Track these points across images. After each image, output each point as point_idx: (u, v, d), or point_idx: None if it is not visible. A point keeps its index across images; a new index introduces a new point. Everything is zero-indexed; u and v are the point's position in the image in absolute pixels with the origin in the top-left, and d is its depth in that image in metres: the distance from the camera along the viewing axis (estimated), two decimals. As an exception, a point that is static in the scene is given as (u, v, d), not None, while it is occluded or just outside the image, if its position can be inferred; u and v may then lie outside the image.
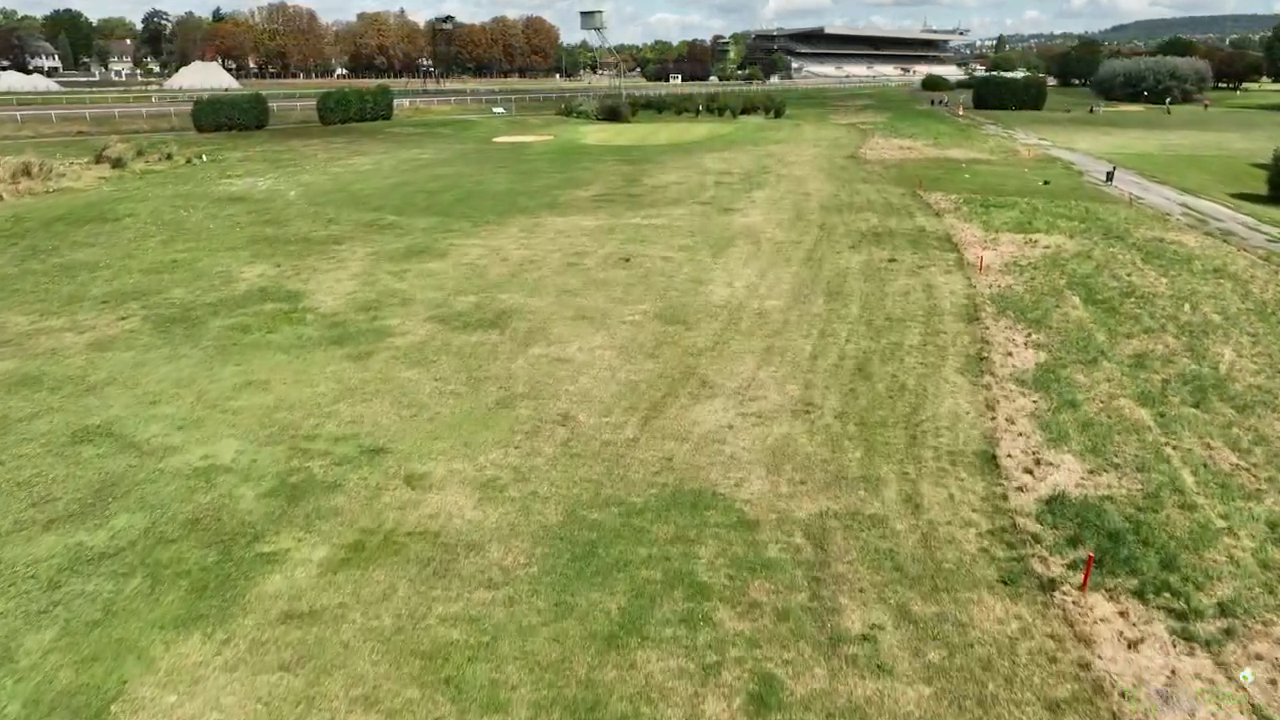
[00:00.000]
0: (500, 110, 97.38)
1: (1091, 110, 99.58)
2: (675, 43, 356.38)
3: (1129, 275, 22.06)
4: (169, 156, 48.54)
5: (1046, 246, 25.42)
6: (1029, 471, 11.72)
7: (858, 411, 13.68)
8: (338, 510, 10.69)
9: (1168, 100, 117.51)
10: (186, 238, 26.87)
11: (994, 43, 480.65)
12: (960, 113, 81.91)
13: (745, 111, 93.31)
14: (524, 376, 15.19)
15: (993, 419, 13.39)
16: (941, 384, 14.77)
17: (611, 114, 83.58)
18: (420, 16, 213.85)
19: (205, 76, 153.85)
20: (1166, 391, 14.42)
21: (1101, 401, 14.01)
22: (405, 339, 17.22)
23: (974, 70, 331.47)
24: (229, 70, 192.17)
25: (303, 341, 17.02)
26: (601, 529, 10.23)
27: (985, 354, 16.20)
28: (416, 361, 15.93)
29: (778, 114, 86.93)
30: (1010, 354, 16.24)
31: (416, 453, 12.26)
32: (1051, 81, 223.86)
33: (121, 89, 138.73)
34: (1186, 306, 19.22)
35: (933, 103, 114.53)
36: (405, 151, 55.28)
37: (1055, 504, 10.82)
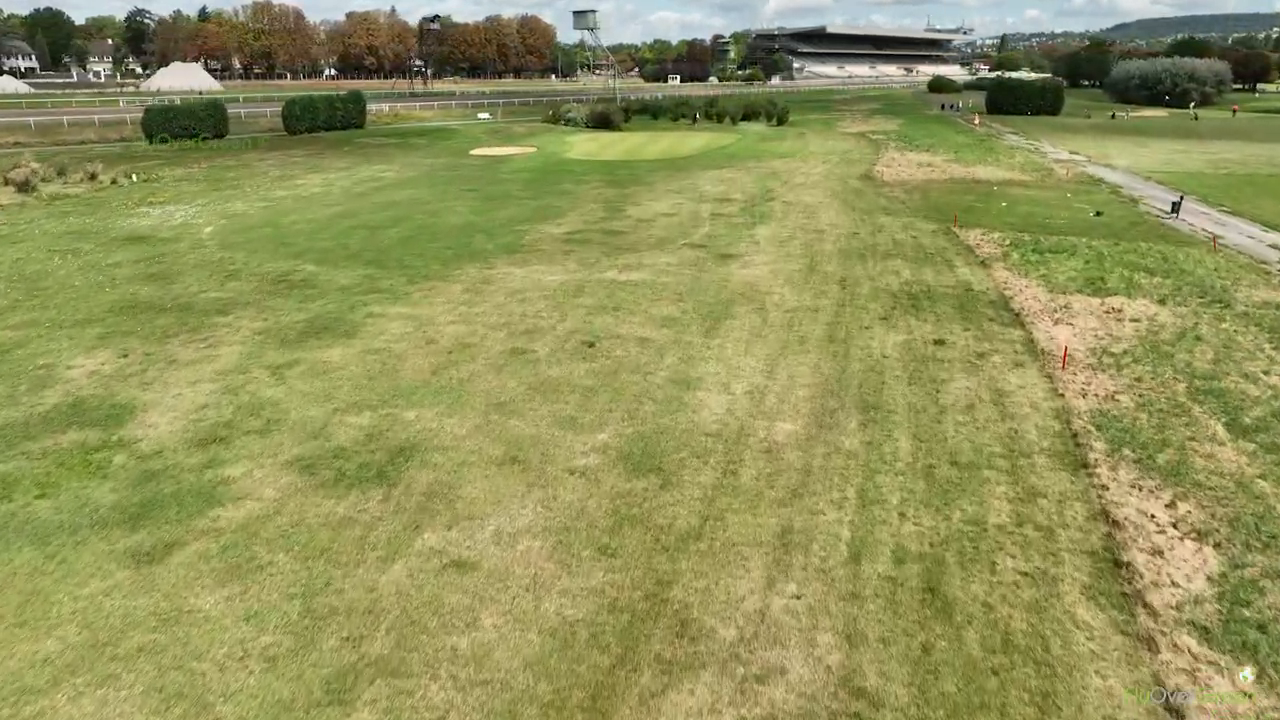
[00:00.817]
0: (485, 117, 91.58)
1: (1113, 116, 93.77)
2: (675, 42, 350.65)
3: (1266, 373, 16.29)
4: (93, 177, 42.78)
5: (1135, 320, 19.64)
6: None
7: (943, 711, 7.92)
8: None
9: (1191, 105, 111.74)
10: (33, 303, 21.10)
11: (995, 42, 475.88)
12: (976, 122, 76.15)
13: (746, 118, 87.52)
14: (392, 612, 9.42)
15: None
16: (1070, 637, 8.99)
17: (602, 122, 77.79)
18: (414, 16, 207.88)
19: (185, 78, 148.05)
20: None
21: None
22: (239, 512, 11.45)
23: (978, 70, 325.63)
24: (212, 71, 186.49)
25: (80, 519, 11.24)
26: None
27: (1120, 554, 10.42)
28: (233, 570, 10.15)
29: (780, 121, 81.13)
30: (1160, 554, 10.45)
31: None
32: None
33: (95, 91, 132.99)
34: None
35: (943, 107, 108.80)
36: (367, 168, 49.50)
37: None
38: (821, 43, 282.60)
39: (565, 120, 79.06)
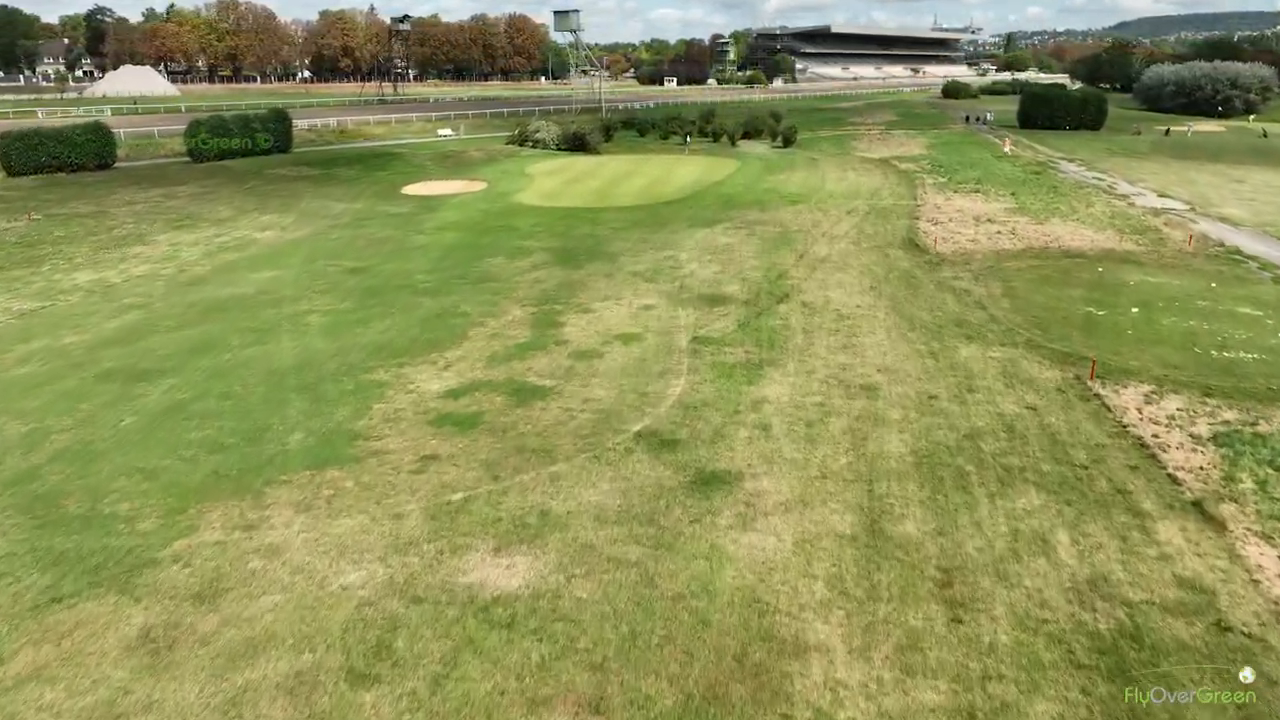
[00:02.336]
0: (446, 133, 79.47)
1: (1167, 132, 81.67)
2: (673, 41, 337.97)
3: None
4: None
5: None
6: None
7: None
8: None
9: (1251, 117, 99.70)
10: None
11: (997, 40, 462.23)
12: (1007, 147, 63.39)
13: (748, 135, 75.38)
14: None
15: None
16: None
17: (577, 143, 65.67)
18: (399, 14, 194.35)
19: (135, 82, 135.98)
20: None
21: None
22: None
23: (987, 71, 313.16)
24: (175, 74, 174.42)
25: None
26: None
27: None
28: None
29: (787, 142, 68.94)
30: None
31: None
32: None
33: (31, 98, 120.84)
34: None
35: (969, 120, 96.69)
36: (248, 223, 37.49)
37: None
38: (825, 43, 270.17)
39: (533, 142, 66.92)
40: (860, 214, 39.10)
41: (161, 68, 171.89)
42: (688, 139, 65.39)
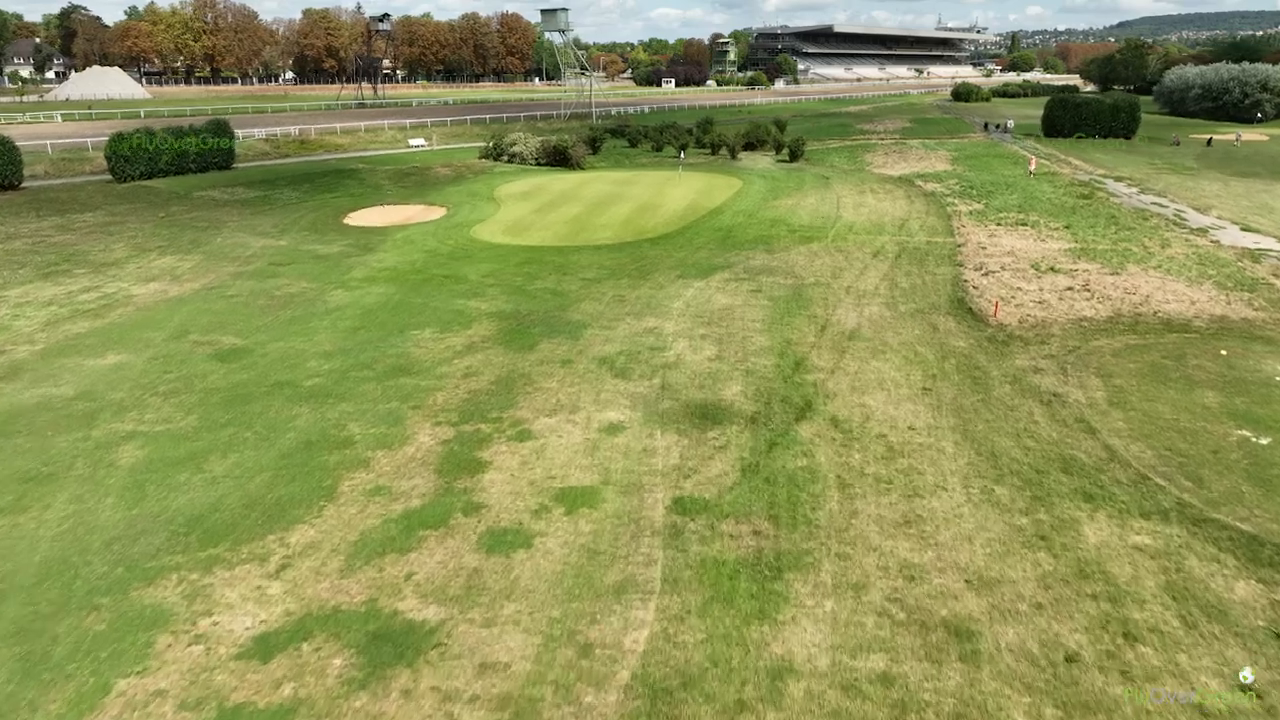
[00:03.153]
0: (419, 144, 72.27)
1: (1209, 142, 74.52)
2: (672, 41, 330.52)
3: None
4: None
5: None
6: None
7: None
8: None
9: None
10: None
11: (1000, 39, 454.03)
12: (1032, 166, 55.34)
13: (749, 147, 68.19)
14: None
15: None
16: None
17: (557, 158, 58.43)
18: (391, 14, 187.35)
19: (102, 84, 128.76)
20: None
21: None
22: None
23: (993, 72, 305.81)
24: (151, 75, 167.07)
25: None
26: None
27: None
28: None
29: (794, 155, 61.66)
30: None
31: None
32: (1089, 88, 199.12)
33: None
34: None
35: (986, 127, 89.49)
36: (126, 275, 30.22)
37: None
38: (828, 42, 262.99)
39: (509, 155, 59.63)
40: (889, 257, 31.86)
41: (138, 69, 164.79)
42: (682, 154, 58.20)
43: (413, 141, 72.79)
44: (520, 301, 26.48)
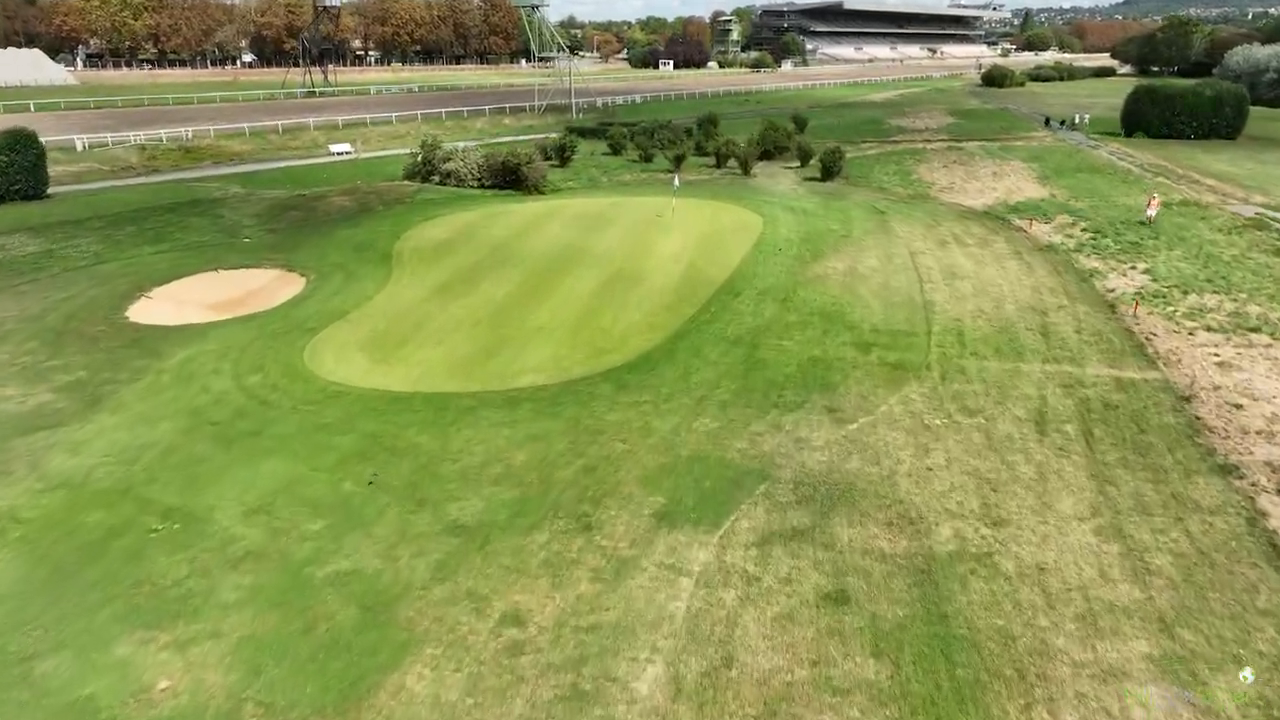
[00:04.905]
0: (343, 149, 56.52)
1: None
2: (672, 19, 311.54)
3: None
4: None
5: None
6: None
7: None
8: None
9: None
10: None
11: (1012, 15, 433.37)
12: (1153, 211, 36.31)
13: (765, 155, 52.44)
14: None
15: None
16: None
17: (508, 179, 42.71)
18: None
19: (18, 68, 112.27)
20: None
21: None
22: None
23: (1009, 51, 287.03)
24: (92, 58, 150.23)
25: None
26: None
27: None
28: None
29: (829, 172, 45.79)
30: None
31: None
32: (1124, 70, 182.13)
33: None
34: None
35: (1049, 123, 73.55)
36: None
37: None
38: (836, 20, 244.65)
39: (441, 176, 43.78)
40: (1071, 439, 16.36)
41: (72, 52, 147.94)
42: (677, 178, 42.26)
43: (335, 148, 57.03)
44: (283, 642, 11.04)
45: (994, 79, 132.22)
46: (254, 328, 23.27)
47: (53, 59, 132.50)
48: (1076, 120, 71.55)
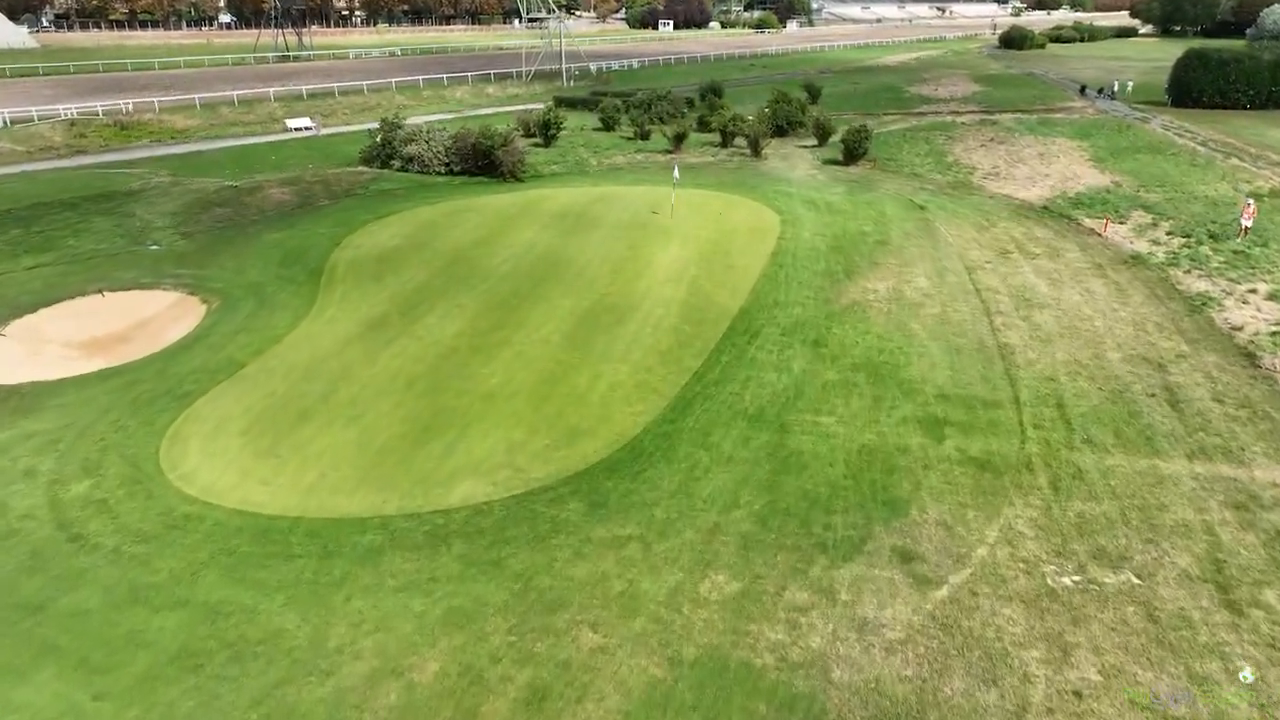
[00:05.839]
0: (302, 125, 50.20)
1: None
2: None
3: None
4: None
5: None
6: None
7: None
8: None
9: None
10: None
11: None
12: (1248, 220, 28.85)
13: (778, 132, 46.16)
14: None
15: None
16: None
17: (480, 164, 36.55)
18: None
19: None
20: None
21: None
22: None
23: (1020, 10, 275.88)
24: (60, 20, 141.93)
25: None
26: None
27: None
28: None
29: (852, 153, 39.49)
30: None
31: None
32: (1145, 30, 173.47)
33: None
34: None
35: (1084, 90, 66.80)
36: None
37: None
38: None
39: (403, 160, 37.56)
40: (1267, 597, 10.62)
41: (36, 13, 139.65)
42: (677, 166, 35.86)
43: (292, 123, 50.62)
44: None
45: (1013, 40, 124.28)
46: (115, 390, 17.44)
47: (15, 20, 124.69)
48: (1115, 88, 64.81)
